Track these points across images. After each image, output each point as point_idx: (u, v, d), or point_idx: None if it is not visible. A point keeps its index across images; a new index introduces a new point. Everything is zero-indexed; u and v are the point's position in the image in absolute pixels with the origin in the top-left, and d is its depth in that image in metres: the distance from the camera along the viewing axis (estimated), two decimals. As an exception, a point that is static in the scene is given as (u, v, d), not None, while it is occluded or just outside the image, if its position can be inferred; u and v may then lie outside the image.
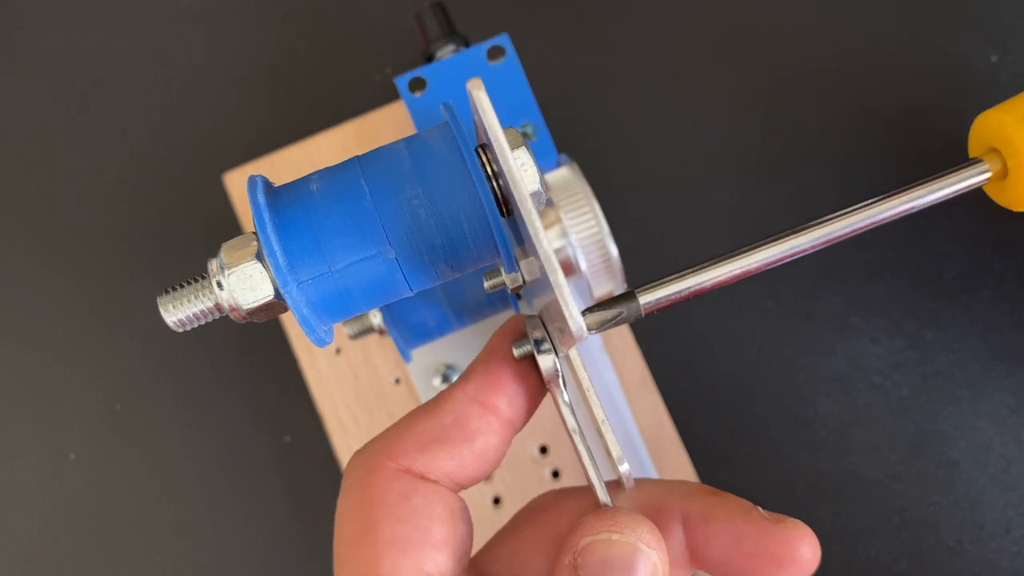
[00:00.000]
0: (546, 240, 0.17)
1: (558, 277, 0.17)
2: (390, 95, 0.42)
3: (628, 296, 0.22)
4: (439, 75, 0.35)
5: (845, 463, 0.38)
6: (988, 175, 0.26)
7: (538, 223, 0.17)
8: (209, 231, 0.42)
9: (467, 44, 0.37)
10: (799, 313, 0.39)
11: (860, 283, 0.39)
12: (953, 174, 0.25)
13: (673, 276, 0.23)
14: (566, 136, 0.40)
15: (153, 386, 0.41)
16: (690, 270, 0.23)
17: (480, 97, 0.18)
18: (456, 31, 0.37)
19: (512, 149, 0.19)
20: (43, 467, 0.41)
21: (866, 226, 0.24)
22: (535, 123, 0.35)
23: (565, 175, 0.32)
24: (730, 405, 0.39)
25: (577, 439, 0.22)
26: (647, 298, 0.22)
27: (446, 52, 0.36)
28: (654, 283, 0.22)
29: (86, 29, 0.45)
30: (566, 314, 0.17)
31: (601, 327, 0.22)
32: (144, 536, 0.40)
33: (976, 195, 0.39)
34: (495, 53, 0.35)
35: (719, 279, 0.23)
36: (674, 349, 0.39)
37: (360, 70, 0.43)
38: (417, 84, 0.35)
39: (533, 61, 0.37)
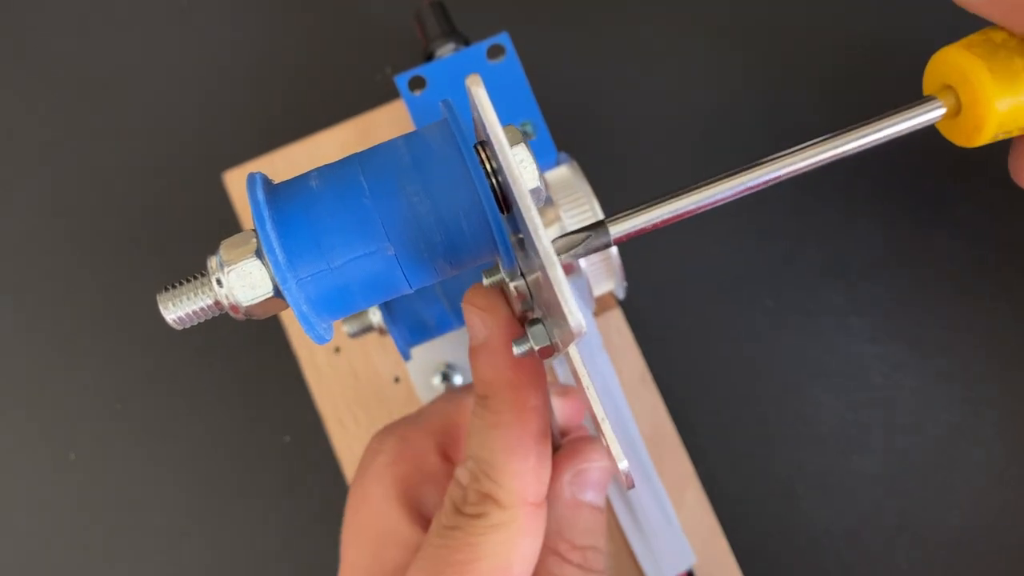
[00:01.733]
0: (545, 237, 0.17)
1: (557, 273, 0.17)
2: (390, 94, 0.42)
3: (598, 225, 0.22)
4: (439, 74, 0.35)
5: (845, 463, 0.38)
6: (942, 111, 0.25)
7: (537, 219, 0.17)
8: (209, 230, 0.42)
9: (467, 43, 0.37)
10: (799, 312, 0.39)
11: (860, 282, 0.39)
12: (908, 110, 0.25)
13: (643, 206, 0.22)
14: (566, 135, 0.40)
15: (153, 386, 0.41)
16: (659, 200, 0.23)
17: (479, 93, 0.18)
18: (456, 30, 0.37)
19: (511, 145, 0.19)
20: (43, 467, 0.40)
21: (824, 160, 0.24)
22: (535, 122, 0.35)
23: (565, 173, 0.32)
24: (730, 404, 0.39)
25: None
26: (617, 228, 0.22)
27: (446, 51, 0.36)
28: (624, 213, 0.22)
29: (86, 29, 0.45)
30: (565, 311, 0.17)
31: (571, 254, 0.22)
32: (144, 536, 0.40)
33: (976, 195, 0.39)
34: (495, 52, 0.35)
35: (687, 209, 0.23)
36: (674, 348, 0.39)
37: (360, 70, 0.43)
38: (417, 83, 0.35)
39: (533, 60, 0.37)
